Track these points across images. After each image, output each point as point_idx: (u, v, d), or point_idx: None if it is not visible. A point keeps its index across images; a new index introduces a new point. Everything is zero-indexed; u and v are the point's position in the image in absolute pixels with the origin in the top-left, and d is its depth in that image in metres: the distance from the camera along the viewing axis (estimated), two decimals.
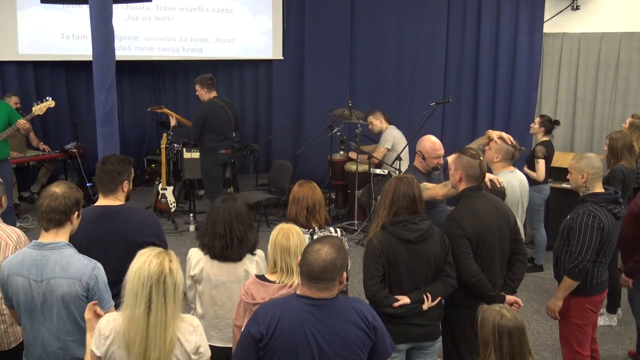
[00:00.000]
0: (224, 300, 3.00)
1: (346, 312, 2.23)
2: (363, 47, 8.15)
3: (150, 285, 2.05)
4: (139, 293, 2.06)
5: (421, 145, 3.82)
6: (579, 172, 3.37)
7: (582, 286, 3.36)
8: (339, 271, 2.20)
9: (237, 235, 2.94)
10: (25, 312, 2.50)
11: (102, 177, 3.02)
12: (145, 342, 2.06)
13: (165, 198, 7.03)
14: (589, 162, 3.36)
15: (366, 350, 2.27)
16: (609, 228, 3.27)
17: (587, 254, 3.25)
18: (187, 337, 2.17)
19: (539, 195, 5.54)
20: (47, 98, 6.08)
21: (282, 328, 2.15)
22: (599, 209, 3.27)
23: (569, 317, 3.45)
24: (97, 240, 2.93)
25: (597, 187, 3.36)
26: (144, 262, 2.09)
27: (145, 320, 2.06)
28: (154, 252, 2.14)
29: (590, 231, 3.23)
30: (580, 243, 3.26)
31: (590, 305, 3.40)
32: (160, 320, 2.06)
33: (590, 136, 6.93)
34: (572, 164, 3.43)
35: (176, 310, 2.11)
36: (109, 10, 4.48)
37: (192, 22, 8.12)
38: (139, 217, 3.11)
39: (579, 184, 3.38)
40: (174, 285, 2.09)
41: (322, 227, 3.25)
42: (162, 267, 2.08)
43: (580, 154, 3.50)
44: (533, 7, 7.08)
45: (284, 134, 8.53)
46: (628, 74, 6.68)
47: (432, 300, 2.93)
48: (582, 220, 3.27)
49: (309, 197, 3.22)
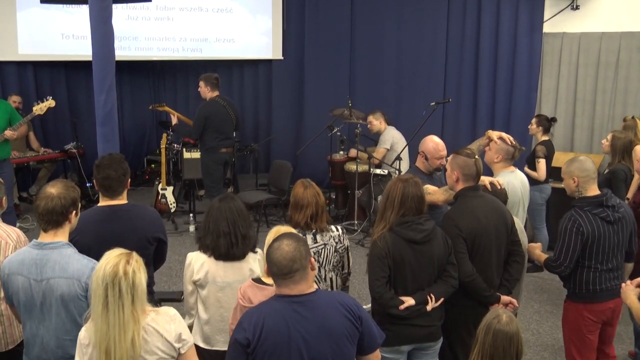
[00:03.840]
0: (230, 303, 2.94)
1: (329, 305, 2.23)
2: (363, 47, 8.15)
3: (105, 287, 2.08)
4: (96, 294, 2.10)
5: (424, 145, 3.80)
6: (570, 177, 3.29)
7: (578, 292, 3.30)
8: (306, 257, 2.22)
9: (242, 232, 2.92)
10: (24, 310, 2.52)
11: (110, 184, 3.00)
12: (105, 342, 2.09)
13: (165, 198, 7.02)
14: (579, 165, 3.27)
15: (354, 342, 2.27)
16: (592, 233, 3.17)
17: (566, 259, 3.20)
18: (166, 327, 2.20)
19: (540, 195, 5.54)
20: (48, 98, 6.07)
21: (267, 330, 2.15)
22: (582, 213, 3.21)
23: (566, 319, 3.42)
24: (108, 240, 2.89)
25: (590, 190, 3.26)
26: (102, 264, 2.13)
27: (105, 321, 2.09)
28: (115, 253, 2.17)
29: (569, 236, 3.18)
30: (559, 248, 3.22)
31: (589, 313, 3.28)
32: (119, 322, 2.09)
33: (590, 136, 6.93)
34: (563, 169, 3.35)
35: (137, 312, 2.12)
36: (109, 10, 4.47)
37: (191, 22, 8.12)
38: (146, 214, 3.15)
39: (572, 188, 3.30)
40: (130, 287, 2.10)
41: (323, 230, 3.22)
42: (116, 269, 2.09)
43: (572, 158, 3.41)
44: (533, 6, 7.08)
45: (283, 134, 8.53)
46: (628, 73, 6.68)
47: (436, 300, 2.94)
48: (562, 225, 3.24)
49: (314, 204, 3.17)
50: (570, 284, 3.35)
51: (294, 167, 7.05)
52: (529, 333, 4.57)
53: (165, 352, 2.21)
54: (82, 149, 7.52)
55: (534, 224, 5.70)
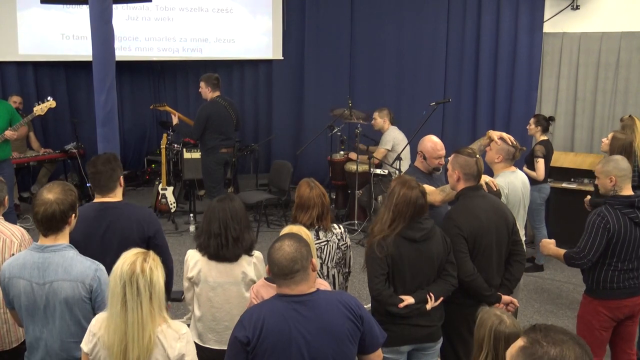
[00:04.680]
0: (222, 303, 2.98)
1: (330, 305, 2.24)
2: (363, 47, 8.15)
3: (123, 285, 2.09)
4: (114, 292, 2.10)
5: (422, 145, 3.81)
6: (607, 176, 3.31)
7: (595, 287, 3.35)
8: (307, 258, 2.23)
9: (232, 235, 2.92)
10: (27, 314, 2.50)
11: (99, 179, 3.02)
12: (124, 341, 2.09)
13: (165, 198, 7.03)
14: (616, 164, 3.31)
15: (355, 341, 2.27)
16: (619, 231, 3.22)
17: (590, 253, 3.23)
18: (172, 343, 2.17)
19: (540, 194, 5.54)
20: (48, 98, 6.07)
21: (267, 329, 2.15)
22: (612, 211, 3.25)
23: (581, 313, 3.47)
24: (94, 237, 2.94)
25: (625, 189, 3.30)
26: (119, 263, 2.14)
27: (123, 320, 2.09)
28: (132, 252, 2.17)
29: (595, 231, 3.22)
30: (584, 241, 3.26)
31: (604, 309, 3.34)
32: (137, 320, 2.09)
33: (591, 136, 6.92)
34: (599, 168, 3.38)
35: (154, 310, 2.12)
36: (109, 11, 4.47)
37: (192, 22, 8.12)
38: (136, 213, 3.10)
39: (608, 187, 3.32)
40: (147, 285, 2.10)
41: (327, 230, 3.23)
42: (133, 267, 2.10)
43: (606, 157, 3.43)
44: (533, 6, 7.08)
45: (284, 134, 8.53)
46: (628, 73, 6.68)
47: (435, 299, 2.94)
48: (590, 219, 3.27)
49: (319, 205, 3.18)
50: (589, 279, 3.39)
51: (294, 167, 7.06)
52: None
53: None
54: (83, 149, 7.52)
55: (533, 223, 5.71)
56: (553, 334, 1.50)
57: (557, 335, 1.49)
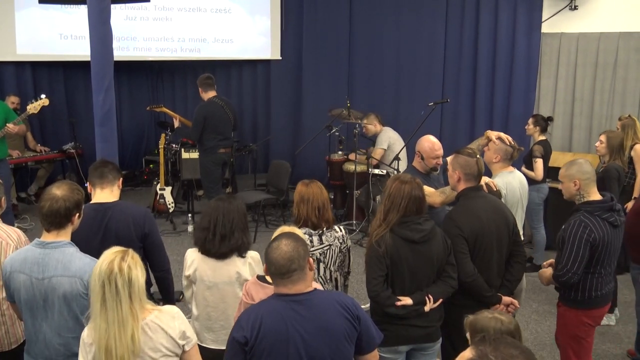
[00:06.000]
0: (217, 302, 3.00)
1: (327, 305, 2.24)
2: (361, 47, 8.16)
3: (102, 284, 2.11)
4: (94, 291, 2.13)
5: (420, 145, 3.81)
6: (571, 180, 3.18)
7: (580, 298, 3.20)
8: (304, 257, 2.23)
9: (220, 231, 2.92)
10: (26, 308, 2.54)
11: (92, 173, 3.13)
12: (106, 340, 2.11)
13: (163, 198, 7.02)
14: (579, 167, 3.17)
15: (352, 341, 2.27)
16: (602, 238, 3.09)
17: (574, 267, 3.08)
18: (170, 324, 2.22)
19: (538, 194, 5.55)
20: (42, 96, 6.05)
21: (265, 329, 2.15)
22: (592, 218, 3.10)
23: (564, 326, 3.33)
24: (93, 237, 2.97)
25: (592, 193, 3.18)
26: (99, 262, 2.16)
27: (104, 319, 2.11)
28: (112, 251, 2.19)
29: (578, 243, 3.06)
30: (567, 255, 3.10)
31: (588, 319, 3.23)
32: (117, 319, 2.11)
33: (589, 136, 6.94)
34: (562, 172, 3.25)
35: (135, 308, 2.14)
36: (107, 11, 4.46)
37: (190, 22, 8.11)
38: (130, 211, 3.15)
39: (573, 192, 3.20)
40: (126, 284, 2.12)
41: (330, 227, 3.24)
42: (111, 266, 2.12)
43: (569, 161, 3.30)
44: (531, 7, 7.09)
45: (282, 134, 8.54)
46: (626, 73, 6.70)
47: (434, 301, 2.93)
48: (572, 230, 3.10)
49: (319, 197, 3.21)
50: (571, 290, 3.23)
51: (292, 167, 7.06)
52: (527, 332, 4.58)
53: (170, 349, 2.22)
54: (81, 149, 7.51)
55: (532, 223, 5.71)
56: (503, 347, 1.41)
57: (507, 350, 1.40)
